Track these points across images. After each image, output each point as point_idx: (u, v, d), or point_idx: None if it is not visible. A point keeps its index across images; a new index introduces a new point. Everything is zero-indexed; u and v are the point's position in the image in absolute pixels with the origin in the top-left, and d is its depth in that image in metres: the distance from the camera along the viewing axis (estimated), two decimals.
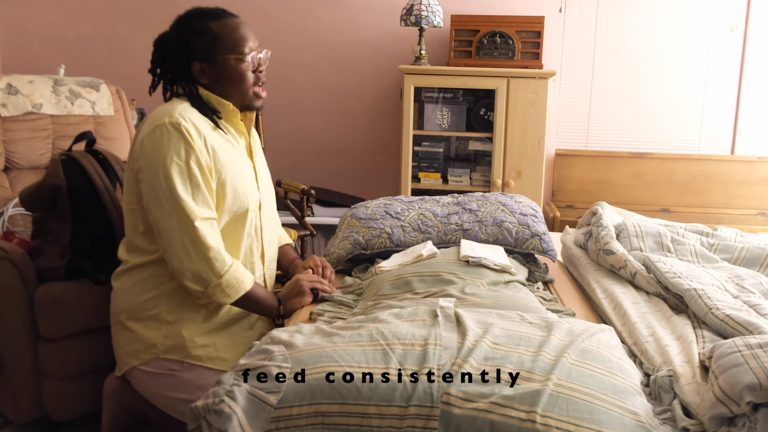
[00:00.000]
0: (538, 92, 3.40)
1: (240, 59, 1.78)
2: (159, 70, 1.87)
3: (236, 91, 1.81)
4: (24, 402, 2.16)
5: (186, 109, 1.76)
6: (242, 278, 1.77)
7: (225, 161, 1.77)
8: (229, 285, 1.73)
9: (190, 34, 1.78)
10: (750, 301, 1.67)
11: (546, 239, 2.12)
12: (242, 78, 1.80)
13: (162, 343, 1.78)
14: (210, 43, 1.77)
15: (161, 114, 1.73)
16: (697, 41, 3.82)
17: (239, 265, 1.77)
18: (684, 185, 3.89)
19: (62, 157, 2.17)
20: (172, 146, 1.68)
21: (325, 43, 3.92)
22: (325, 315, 1.74)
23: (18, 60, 4.06)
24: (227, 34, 1.78)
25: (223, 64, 1.78)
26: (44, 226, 2.25)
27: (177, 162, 1.68)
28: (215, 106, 1.82)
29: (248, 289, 1.78)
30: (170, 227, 1.69)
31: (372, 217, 2.21)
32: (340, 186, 4.05)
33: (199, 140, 1.72)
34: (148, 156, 1.70)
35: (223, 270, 1.72)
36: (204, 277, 1.71)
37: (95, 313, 2.14)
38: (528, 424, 1.13)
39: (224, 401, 1.18)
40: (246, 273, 1.79)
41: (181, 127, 1.69)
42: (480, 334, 1.35)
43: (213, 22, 1.79)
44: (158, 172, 1.68)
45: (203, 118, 1.78)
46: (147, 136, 1.71)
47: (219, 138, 1.79)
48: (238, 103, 1.84)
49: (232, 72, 1.79)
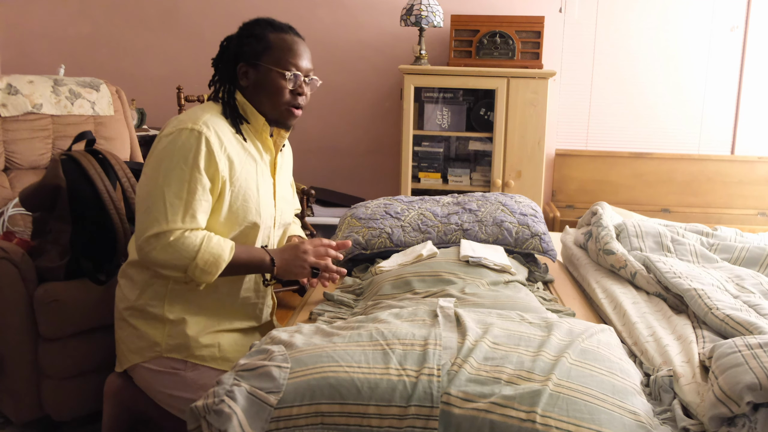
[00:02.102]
0: (538, 92, 3.40)
1: (281, 74, 1.77)
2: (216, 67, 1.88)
3: (270, 103, 1.80)
4: (24, 402, 2.16)
5: (213, 117, 1.75)
6: (218, 252, 1.69)
7: (241, 174, 1.76)
8: (207, 262, 1.67)
9: (248, 37, 1.80)
10: (750, 301, 1.67)
11: (546, 239, 2.12)
12: (278, 92, 1.78)
13: (165, 341, 1.78)
14: (260, 49, 1.78)
15: (188, 118, 1.73)
16: (697, 41, 3.82)
17: (212, 238, 1.69)
18: (684, 185, 3.89)
19: (62, 157, 2.17)
20: (183, 151, 1.68)
21: (325, 43, 3.92)
22: (325, 315, 1.74)
23: (18, 60, 4.07)
24: (279, 47, 1.78)
25: (265, 73, 1.78)
26: (44, 226, 2.25)
27: (182, 167, 1.67)
28: (248, 116, 1.82)
29: (228, 260, 1.70)
30: (147, 222, 1.68)
31: (372, 217, 2.21)
32: (340, 186, 4.06)
33: (219, 150, 1.71)
34: (159, 154, 1.71)
35: (194, 250, 1.66)
36: (178, 263, 1.67)
37: (95, 312, 2.14)
38: (528, 424, 1.13)
39: (224, 401, 1.18)
40: (222, 244, 1.71)
41: (202, 135, 1.68)
42: (480, 334, 1.35)
43: (272, 33, 1.80)
44: (160, 170, 1.69)
45: (229, 128, 1.78)
46: (165, 136, 1.72)
47: (241, 150, 1.79)
48: (270, 117, 1.83)
49: (270, 83, 1.78)
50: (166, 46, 4.06)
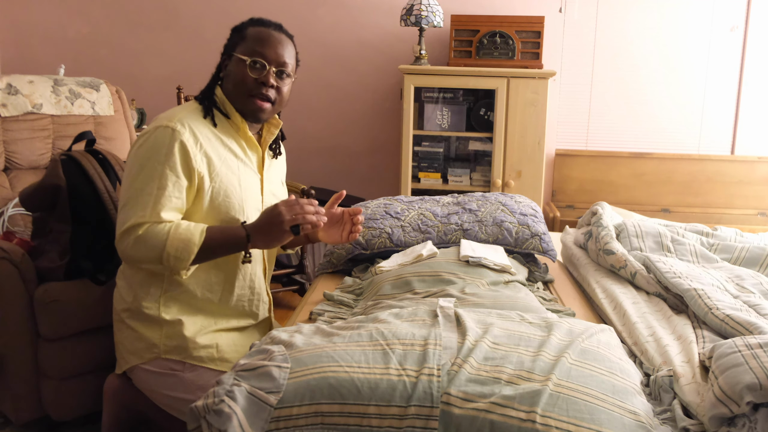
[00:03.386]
0: (538, 92, 3.40)
1: (244, 61, 1.77)
2: None
3: (235, 92, 1.80)
4: (24, 402, 2.16)
5: (190, 115, 1.76)
6: (187, 236, 1.66)
7: (221, 170, 1.76)
8: (177, 249, 1.65)
9: (233, 32, 1.83)
10: (750, 301, 1.67)
11: (546, 239, 2.12)
12: (242, 80, 1.77)
13: (164, 343, 1.78)
14: (237, 41, 1.80)
15: (165, 116, 1.75)
16: (697, 41, 3.82)
17: (179, 225, 1.67)
18: (684, 185, 3.89)
19: (62, 157, 2.17)
20: (156, 147, 1.69)
21: (325, 43, 3.92)
22: (325, 315, 1.74)
23: (18, 60, 4.07)
24: (254, 38, 1.78)
25: (235, 63, 1.79)
26: (44, 226, 2.25)
27: (154, 164, 1.68)
28: (227, 111, 1.82)
29: (199, 243, 1.67)
30: (122, 216, 1.69)
31: (372, 217, 2.21)
32: (340, 186, 4.05)
33: (194, 146, 1.71)
34: (136, 151, 1.73)
35: (162, 239, 1.65)
36: (150, 254, 1.66)
37: (95, 313, 2.14)
38: (528, 424, 1.13)
39: (224, 401, 1.18)
40: (191, 228, 1.68)
41: (175, 132, 1.70)
42: (480, 334, 1.35)
43: (253, 27, 1.81)
44: (135, 166, 1.71)
45: (207, 126, 1.78)
46: (144, 133, 1.75)
47: (220, 146, 1.79)
48: (239, 109, 1.82)
49: (235, 70, 1.78)
50: (166, 46, 4.06)
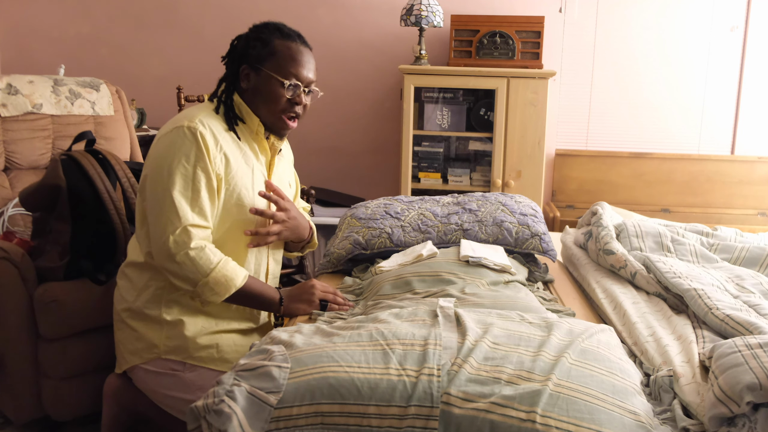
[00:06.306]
0: (538, 92, 3.40)
1: (281, 82, 1.78)
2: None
3: (265, 109, 1.81)
4: (24, 402, 2.16)
5: (208, 115, 1.78)
6: (231, 275, 1.72)
7: (237, 172, 1.78)
8: (218, 283, 1.70)
9: (255, 40, 1.81)
10: (750, 301, 1.67)
11: (546, 239, 2.12)
12: (276, 100, 1.79)
13: (164, 343, 1.79)
14: (264, 55, 1.79)
15: (183, 117, 1.76)
16: (697, 41, 3.82)
17: (228, 262, 1.73)
18: (684, 185, 3.89)
19: (62, 157, 2.17)
20: (183, 149, 1.70)
21: (325, 43, 3.92)
22: (325, 315, 1.74)
23: (18, 60, 4.06)
24: (283, 54, 1.79)
25: (265, 79, 1.79)
26: (44, 226, 2.25)
27: (184, 164, 1.70)
28: (243, 117, 1.83)
29: (239, 286, 1.73)
30: (160, 226, 1.69)
31: (372, 217, 2.21)
32: (340, 186, 4.05)
33: (215, 147, 1.73)
34: (159, 154, 1.73)
35: (209, 268, 1.69)
36: (191, 276, 1.69)
37: (95, 312, 2.14)
38: (528, 424, 1.13)
39: (224, 401, 1.18)
40: (237, 270, 1.74)
41: (198, 132, 1.71)
42: (480, 334, 1.35)
43: (279, 39, 1.80)
44: (163, 170, 1.71)
45: (224, 126, 1.79)
46: (164, 135, 1.75)
47: (236, 149, 1.80)
48: (265, 121, 1.84)
49: (269, 89, 1.79)
50: (166, 46, 4.06)
